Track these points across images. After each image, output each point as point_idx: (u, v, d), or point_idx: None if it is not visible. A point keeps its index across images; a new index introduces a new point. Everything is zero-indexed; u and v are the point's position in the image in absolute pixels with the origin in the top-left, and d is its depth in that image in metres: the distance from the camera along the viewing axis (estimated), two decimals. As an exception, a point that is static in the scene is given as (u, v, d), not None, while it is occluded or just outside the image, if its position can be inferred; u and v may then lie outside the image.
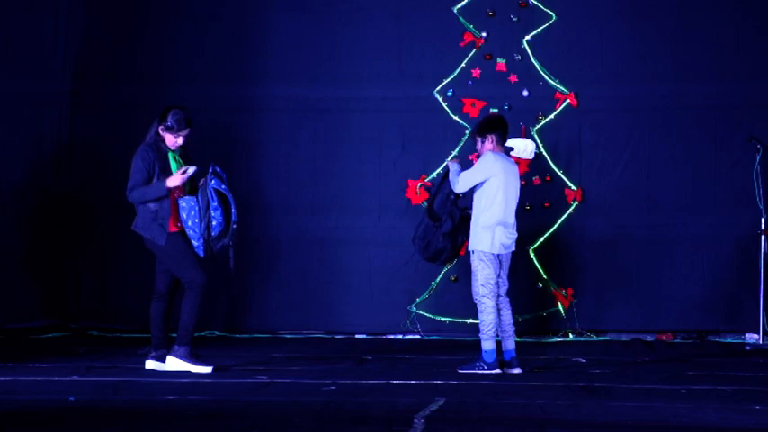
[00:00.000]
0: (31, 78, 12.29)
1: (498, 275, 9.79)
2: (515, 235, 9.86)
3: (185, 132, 9.53)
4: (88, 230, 12.33)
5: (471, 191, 9.78)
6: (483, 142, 9.88)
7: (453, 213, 9.98)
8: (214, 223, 9.41)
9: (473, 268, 9.78)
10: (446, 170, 10.06)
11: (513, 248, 9.89)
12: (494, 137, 9.85)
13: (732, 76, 11.99)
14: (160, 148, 9.50)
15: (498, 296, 9.82)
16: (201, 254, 9.43)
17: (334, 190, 12.34)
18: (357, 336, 12.24)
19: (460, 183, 9.76)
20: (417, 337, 12.14)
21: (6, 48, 12.21)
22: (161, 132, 9.50)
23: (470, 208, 9.88)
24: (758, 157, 11.47)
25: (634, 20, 12.17)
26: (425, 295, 12.14)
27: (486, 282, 9.72)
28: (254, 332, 12.27)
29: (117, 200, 10.23)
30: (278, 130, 12.42)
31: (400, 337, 12.15)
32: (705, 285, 12.00)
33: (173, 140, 9.50)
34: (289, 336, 12.24)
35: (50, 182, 12.37)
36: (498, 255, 9.76)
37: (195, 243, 9.41)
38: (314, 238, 12.34)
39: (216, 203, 9.39)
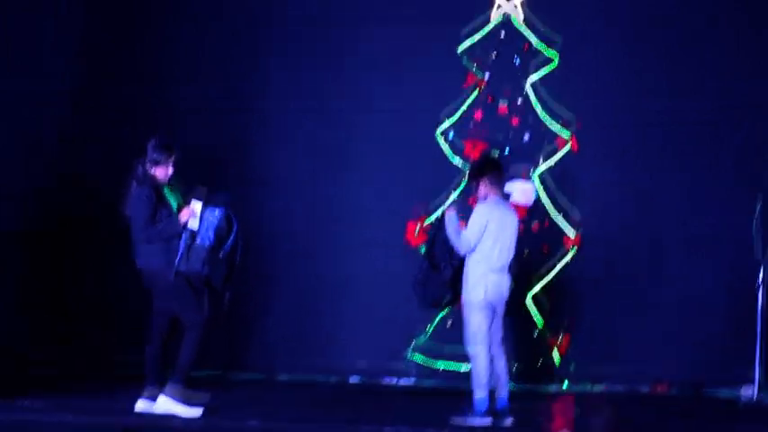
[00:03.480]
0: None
1: (492, 323, 9.64)
2: (510, 282, 9.71)
3: (173, 159, 9.42)
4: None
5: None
6: (479, 186, 9.73)
7: (453, 261, 9.81)
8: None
9: (466, 316, 9.62)
10: (441, 218, 9.90)
11: (508, 296, 9.74)
12: (488, 180, 9.68)
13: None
14: (153, 184, 9.38)
15: (492, 344, 9.67)
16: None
17: (333, 229, 12.26)
18: (351, 379, 12.10)
19: (464, 243, 9.57)
20: (411, 382, 11.99)
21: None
22: (150, 170, 9.38)
23: None
24: (758, 208, 11.33)
25: (638, 62, 12.04)
26: (422, 339, 12.00)
27: (479, 330, 9.55)
28: (249, 371, 12.13)
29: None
30: (279, 163, 12.40)
31: (394, 381, 11.99)
32: (703, 335, 11.81)
33: (164, 172, 9.39)
34: (284, 378, 12.11)
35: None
36: (492, 302, 9.61)
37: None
38: (311, 277, 12.24)
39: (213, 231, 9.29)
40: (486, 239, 9.51)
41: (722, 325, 11.77)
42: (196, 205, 9.28)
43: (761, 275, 11.13)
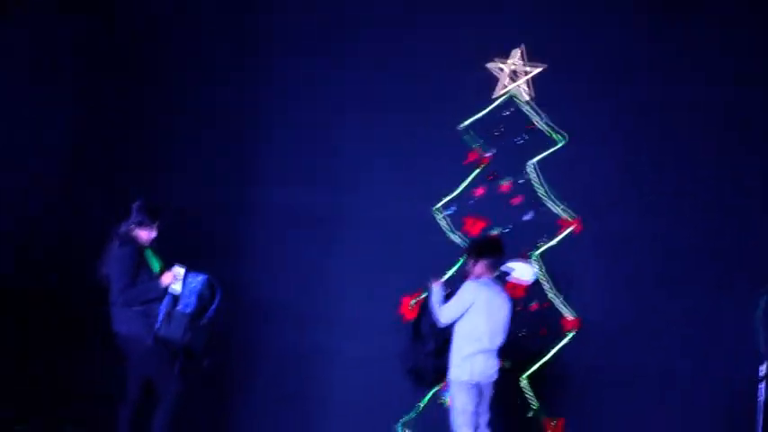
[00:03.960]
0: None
1: (478, 405, 9.47)
2: (498, 363, 9.55)
3: (158, 222, 9.36)
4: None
5: None
6: (475, 264, 9.63)
7: (437, 334, 9.69)
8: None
9: (451, 398, 9.47)
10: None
11: (495, 377, 9.58)
12: (485, 260, 9.60)
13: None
14: (135, 245, 9.32)
15: (478, 427, 9.49)
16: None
17: (323, 302, 12.11)
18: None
19: (443, 314, 9.47)
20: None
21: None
22: (133, 231, 9.32)
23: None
24: (763, 302, 11.11)
25: (649, 148, 11.90)
26: (412, 415, 11.80)
27: (463, 411, 9.41)
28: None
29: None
30: (268, 235, 12.27)
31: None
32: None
33: (147, 235, 9.33)
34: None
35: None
36: (479, 383, 9.45)
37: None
38: (298, 353, 12.08)
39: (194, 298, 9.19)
40: (477, 319, 9.40)
41: (722, 424, 11.51)
42: (179, 270, 9.21)
43: (763, 370, 10.94)
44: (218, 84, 12.54)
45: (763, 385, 10.88)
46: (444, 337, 9.62)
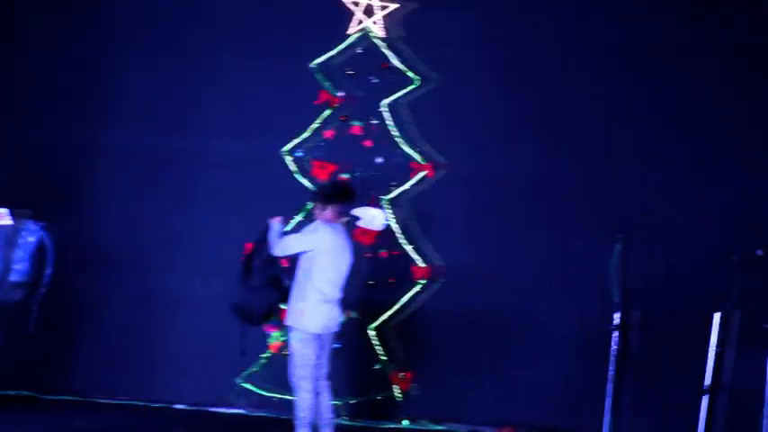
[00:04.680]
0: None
1: (319, 357, 9.02)
2: (339, 314, 9.12)
3: None
4: None
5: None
6: (323, 210, 9.17)
7: (265, 271, 9.20)
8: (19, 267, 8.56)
9: (290, 347, 9.01)
10: (266, 228, 9.25)
11: (336, 329, 9.14)
12: (335, 208, 9.14)
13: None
14: None
15: (318, 379, 9.05)
16: None
17: (168, 246, 11.56)
18: (175, 406, 11.34)
19: (282, 245, 8.99)
20: (242, 411, 11.28)
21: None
22: None
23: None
24: (618, 248, 10.83)
25: (504, 88, 11.47)
26: (254, 368, 11.30)
27: (303, 363, 8.96)
28: (64, 393, 11.35)
29: None
30: (118, 178, 11.69)
31: (224, 410, 11.28)
32: (553, 378, 11.24)
33: None
34: (102, 401, 11.31)
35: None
36: (319, 335, 8.99)
37: None
38: (140, 296, 11.55)
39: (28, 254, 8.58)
40: (318, 266, 8.94)
41: (576, 369, 11.22)
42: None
43: (616, 319, 10.68)
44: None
45: (616, 333, 10.65)
46: (273, 273, 9.15)
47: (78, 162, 11.76)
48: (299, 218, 11.19)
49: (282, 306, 9.34)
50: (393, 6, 11.51)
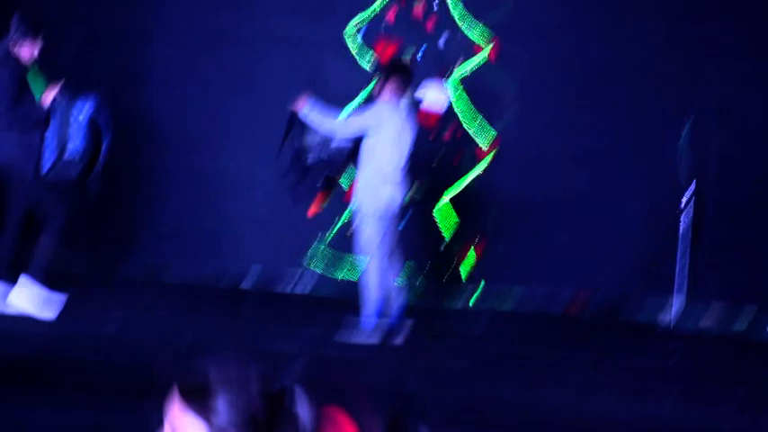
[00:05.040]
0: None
1: (386, 235, 9.07)
2: (404, 191, 9.14)
3: (40, 38, 8.59)
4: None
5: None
6: (383, 86, 9.11)
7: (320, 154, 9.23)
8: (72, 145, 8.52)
9: (359, 227, 9.07)
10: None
11: (399, 209, 9.16)
12: (396, 82, 9.08)
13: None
14: (16, 65, 8.53)
15: (385, 257, 9.10)
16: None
17: (230, 127, 11.55)
18: (243, 285, 11.44)
19: (348, 126, 8.96)
20: (308, 290, 11.38)
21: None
22: (14, 47, 8.51)
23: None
24: (685, 130, 10.75)
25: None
26: (321, 246, 11.38)
27: (370, 241, 9.01)
28: (131, 272, 11.46)
29: None
30: (176, 61, 11.62)
31: (289, 289, 11.39)
32: (622, 258, 11.19)
33: (30, 52, 8.54)
34: (169, 280, 11.39)
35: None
36: (386, 214, 9.03)
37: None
38: (204, 175, 11.59)
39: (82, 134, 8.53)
40: (381, 145, 8.92)
41: (643, 249, 11.20)
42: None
43: (684, 201, 10.65)
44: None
45: (684, 216, 10.64)
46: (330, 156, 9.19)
47: (137, 38, 11.70)
48: (359, 99, 11.16)
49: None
50: None
